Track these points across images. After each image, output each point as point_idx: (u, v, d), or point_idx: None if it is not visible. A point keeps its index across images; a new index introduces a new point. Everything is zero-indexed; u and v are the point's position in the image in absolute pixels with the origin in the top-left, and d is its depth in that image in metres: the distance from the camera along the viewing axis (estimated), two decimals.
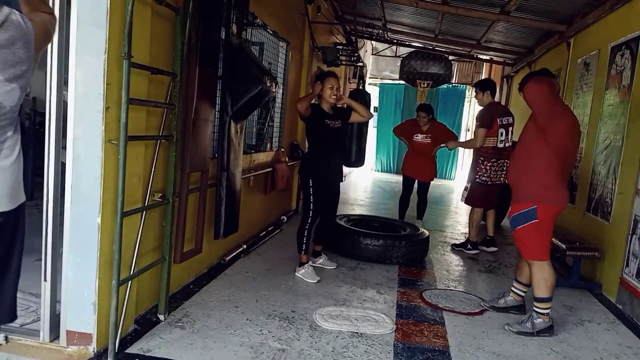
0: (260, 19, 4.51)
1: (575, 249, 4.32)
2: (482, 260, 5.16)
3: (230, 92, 3.64)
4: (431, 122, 6.20)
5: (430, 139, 6.13)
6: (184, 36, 2.92)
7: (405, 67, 9.53)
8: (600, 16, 4.88)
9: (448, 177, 13.80)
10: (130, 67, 2.39)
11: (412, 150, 6.32)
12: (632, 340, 3.36)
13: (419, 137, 6.17)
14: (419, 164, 6.23)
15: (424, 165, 6.24)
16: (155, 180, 2.93)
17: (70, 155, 2.48)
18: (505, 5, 5.60)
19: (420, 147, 6.19)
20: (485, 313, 3.63)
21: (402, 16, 7.65)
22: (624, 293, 3.86)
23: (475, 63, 12.92)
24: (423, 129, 6.16)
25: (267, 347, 2.80)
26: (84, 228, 2.50)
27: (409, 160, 6.40)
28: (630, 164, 3.95)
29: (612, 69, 4.51)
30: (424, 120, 6.13)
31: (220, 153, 3.73)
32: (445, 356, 2.89)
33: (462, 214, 8.39)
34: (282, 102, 6.07)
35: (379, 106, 14.03)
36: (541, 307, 3.27)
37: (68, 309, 2.56)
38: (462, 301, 3.85)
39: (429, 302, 3.74)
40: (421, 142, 6.17)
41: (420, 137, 6.16)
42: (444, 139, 6.11)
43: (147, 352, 2.63)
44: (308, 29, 6.75)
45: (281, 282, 3.93)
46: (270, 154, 5.69)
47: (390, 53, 13.86)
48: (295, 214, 6.75)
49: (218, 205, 3.76)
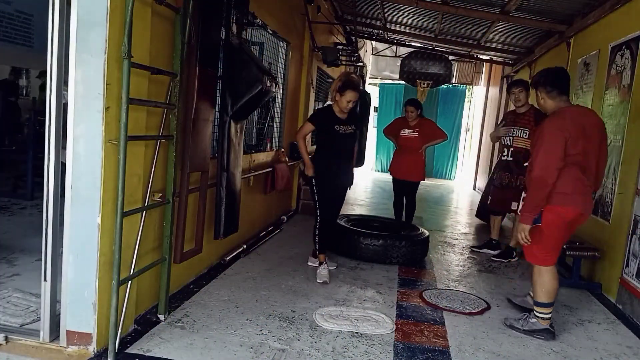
0: (260, 19, 4.51)
1: (575, 249, 4.32)
2: (482, 260, 5.16)
3: (230, 92, 3.64)
4: (420, 118, 5.83)
5: (418, 133, 5.74)
6: (184, 36, 2.91)
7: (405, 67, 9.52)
8: (600, 16, 4.88)
9: (448, 177, 13.79)
10: (130, 67, 2.39)
11: (398, 147, 5.96)
12: (632, 340, 3.36)
13: (406, 132, 5.78)
14: (406, 162, 5.83)
15: (411, 164, 5.81)
16: (155, 180, 2.93)
17: (70, 155, 2.48)
18: (505, 5, 5.60)
19: (406, 142, 5.80)
20: (486, 313, 3.63)
21: (402, 16, 7.65)
22: (624, 293, 3.86)
23: (475, 63, 12.90)
24: (411, 124, 5.78)
25: (267, 347, 2.80)
26: (84, 228, 2.50)
27: (395, 159, 6.02)
28: (630, 164, 3.95)
29: (612, 69, 4.51)
30: (412, 115, 5.73)
31: (220, 153, 3.73)
32: (445, 356, 2.89)
33: (462, 214, 8.40)
34: (282, 102, 6.07)
35: (379, 106, 14.03)
36: (539, 311, 3.25)
37: (68, 309, 2.56)
38: (462, 301, 3.84)
39: (429, 302, 3.74)
40: (408, 136, 5.77)
41: (407, 132, 5.77)
42: (431, 136, 5.79)
43: (147, 352, 2.63)
44: (308, 29, 6.75)
45: (281, 282, 3.93)
46: (270, 154, 5.69)
47: (390, 53, 13.85)
48: (295, 214, 6.75)
49: (218, 205, 3.76)
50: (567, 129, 3.03)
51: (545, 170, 3.02)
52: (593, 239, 4.48)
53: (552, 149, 3.02)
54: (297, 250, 4.90)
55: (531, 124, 4.88)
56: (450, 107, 13.58)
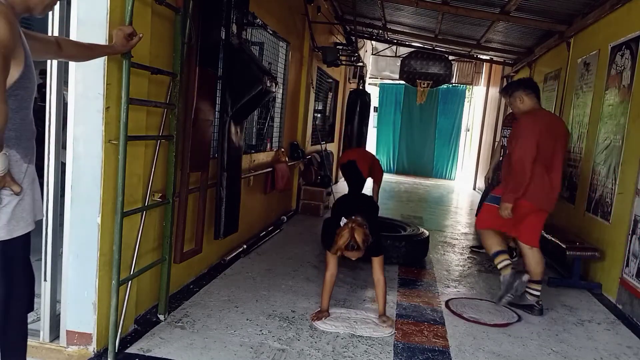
0: (260, 19, 4.51)
1: (575, 249, 4.32)
2: (482, 260, 5.16)
3: (230, 92, 3.64)
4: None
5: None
6: (184, 36, 2.92)
7: (405, 67, 9.51)
8: (600, 16, 4.88)
9: (448, 177, 13.79)
10: (130, 67, 2.39)
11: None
12: (632, 340, 3.36)
13: None
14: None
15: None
16: (155, 180, 2.93)
17: (70, 155, 2.48)
18: (505, 5, 5.60)
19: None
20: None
21: (402, 16, 7.64)
22: (624, 293, 3.86)
23: (475, 63, 12.90)
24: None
25: (267, 347, 2.80)
26: (84, 228, 2.51)
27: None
28: (630, 164, 3.94)
29: (612, 69, 4.50)
30: None
31: (220, 153, 3.73)
32: (445, 356, 2.89)
33: (462, 214, 8.39)
34: (282, 102, 6.07)
35: (379, 106, 14.04)
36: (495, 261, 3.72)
37: (68, 309, 2.56)
38: (491, 312, 3.63)
39: (454, 311, 3.59)
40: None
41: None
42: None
43: (147, 352, 2.63)
44: (308, 29, 6.75)
45: (281, 282, 3.93)
46: (270, 154, 5.69)
47: (390, 53, 13.84)
48: (295, 214, 6.75)
49: (218, 205, 3.76)
50: (540, 126, 3.51)
51: (524, 153, 3.43)
52: (593, 239, 4.48)
53: (529, 138, 3.44)
54: (297, 250, 4.90)
55: None
56: (450, 107, 13.59)
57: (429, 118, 13.56)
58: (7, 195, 1.61)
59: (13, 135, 1.62)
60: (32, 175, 1.72)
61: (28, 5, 1.68)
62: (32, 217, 1.72)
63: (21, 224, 1.66)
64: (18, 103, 1.62)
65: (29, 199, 1.69)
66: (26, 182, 1.67)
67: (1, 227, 1.60)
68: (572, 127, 5.47)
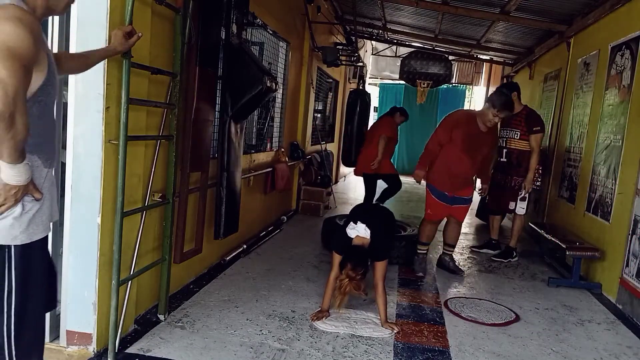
0: (260, 19, 4.51)
1: (575, 249, 4.32)
2: (482, 260, 5.16)
3: (230, 92, 3.64)
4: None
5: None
6: (184, 36, 2.92)
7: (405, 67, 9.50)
8: (600, 16, 4.88)
9: None
10: (130, 67, 2.39)
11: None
12: (632, 340, 3.36)
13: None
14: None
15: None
16: (155, 180, 2.93)
17: (70, 155, 2.48)
18: (505, 5, 5.59)
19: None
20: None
21: (402, 16, 7.64)
22: (624, 293, 3.86)
23: (475, 63, 12.90)
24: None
25: (267, 347, 2.80)
26: (84, 228, 2.51)
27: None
28: (630, 164, 3.94)
29: (612, 69, 4.50)
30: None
31: (220, 153, 3.72)
32: (445, 356, 2.89)
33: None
34: (282, 102, 6.07)
35: (379, 106, 14.02)
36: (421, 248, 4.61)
37: (68, 309, 2.56)
38: (489, 311, 3.65)
39: (452, 310, 3.61)
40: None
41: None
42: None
43: (147, 352, 2.63)
44: (308, 29, 6.75)
45: (281, 282, 3.93)
46: (270, 154, 5.69)
47: (390, 53, 13.84)
48: (295, 213, 6.75)
49: (218, 205, 3.76)
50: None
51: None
52: (593, 239, 4.48)
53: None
54: (297, 250, 4.91)
55: (522, 125, 4.99)
56: (451, 107, 13.46)
57: (429, 118, 13.55)
58: (28, 201, 1.61)
59: (36, 142, 1.60)
60: (52, 179, 1.72)
61: (49, 5, 1.66)
62: (50, 219, 1.72)
63: (40, 227, 1.67)
64: (42, 109, 1.61)
65: (48, 202, 1.70)
66: (46, 186, 1.67)
67: (22, 232, 1.61)
68: (572, 127, 5.47)
